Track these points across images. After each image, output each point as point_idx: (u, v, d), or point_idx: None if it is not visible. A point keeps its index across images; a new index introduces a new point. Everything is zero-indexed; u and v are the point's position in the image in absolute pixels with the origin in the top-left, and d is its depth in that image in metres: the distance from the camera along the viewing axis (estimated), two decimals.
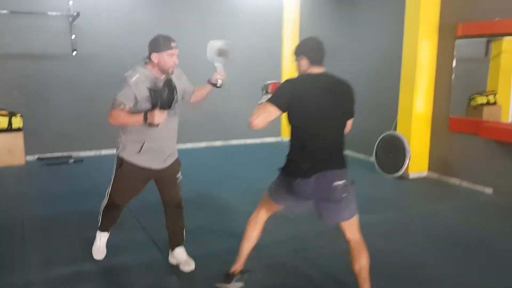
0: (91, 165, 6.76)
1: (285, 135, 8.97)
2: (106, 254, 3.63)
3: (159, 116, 2.99)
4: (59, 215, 4.60)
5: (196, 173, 6.40)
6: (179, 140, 3.53)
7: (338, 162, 2.76)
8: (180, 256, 3.48)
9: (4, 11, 6.45)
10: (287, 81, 2.77)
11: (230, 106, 8.35)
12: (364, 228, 4.19)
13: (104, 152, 7.49)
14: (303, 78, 2.79)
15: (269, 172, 3.86)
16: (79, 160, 6.97)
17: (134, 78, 3.09)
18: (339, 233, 3.03)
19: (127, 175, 3.32)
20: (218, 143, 8.48)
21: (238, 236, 3.99)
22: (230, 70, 4.12)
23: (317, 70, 2.79)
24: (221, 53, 3.75)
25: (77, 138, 7.36)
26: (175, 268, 3.44)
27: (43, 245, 3.86)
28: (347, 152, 2.87)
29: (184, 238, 3.54)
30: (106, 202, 3.53)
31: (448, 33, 5.68)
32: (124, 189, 3.41)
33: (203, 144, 8.18)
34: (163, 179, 3.39)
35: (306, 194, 2.72)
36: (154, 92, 3.03)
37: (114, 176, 3.40)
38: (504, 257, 3.71)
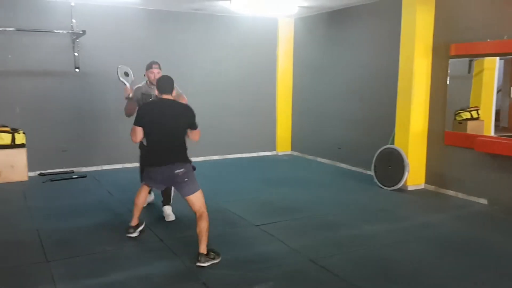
0: (94, 180, 6.84)
1: (280, 149, 9.19)
2: (129, 266, 3.76)
3: None
4: (73, 229, 4.68)
5: (203, 184, 6.53)
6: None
7: (177, 158, 3.91)
8: (166, 211, 4.96)
9: (11, 29, 6.55)
10: (141, 105, 4.19)
11: (226, 122, 8.54)
12: (368, 238, 4.46)
13: (105, 167, 7.57)
14: (151, 102, 4.21)
15: (266, 184, 4.09)
16: (83, 176, 7.03)
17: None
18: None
19: None
20: (215, 157, 8.63)
21: (242, 246, 4.23)
22: (226, 87, 4.49)
23: (165, 96, 3.99)
24: (126, 74, 5.25)
25: (79, 154, 7.43)
26: (197, 276, 3.56)
27: (65, 258, 3.94)
28: (344, 166, 3.13)
29: (171, 201, 4.97)
30: None
31: (441, 52, 6.00)
32: None
33: (201, 159, 8.31)
34: None
35: (157, 178, 4.02)
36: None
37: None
38: (501, 262, 3.96)
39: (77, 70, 7.23)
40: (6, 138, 6.62)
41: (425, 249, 4.24)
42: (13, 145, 6.68)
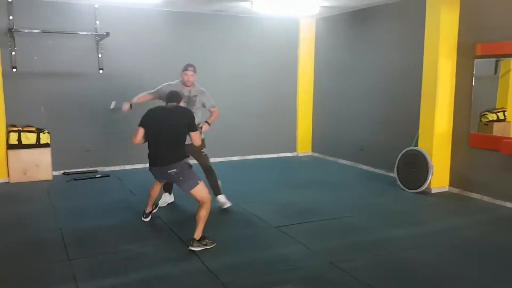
0: (117, 179, 6.92)
1: (301, 150, 9.14)
2: (150, 265, 3.78)
3: None
4: (95, 228, 4.74)
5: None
6: None
7: (170, 159, 4.16)
8: (220, 200, 5.37)
9: (36, 31, 6.68)
10: (148, 109, 4.39)
11: (247, 122, 8.54)
12: (390, 242, 4.39)
13: (128, 167, 7.66)
14: (157, 108, 4.42)
15: (286, 185, 4.07)
16: (106, 175, 7.13)
17: None
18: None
19: None
20: (235, 158, 8.63)
21: (261, 247, 4.23)
22: (247, 88, 4.49)
23: (170, 104, 4.37)
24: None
25: (103, 153, 7.53)
26: (216, 277, 3.56)
27: (86, 256, 3.99)
28: (366, 168, 3.39)
29: (220, 189, 5.37)
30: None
31: (466, 52, 5.87)
32: None
33: (220, 159, 8.33)
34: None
35: (157, 175, 4.38)
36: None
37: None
38: None
39: (100, 71, 7.33)
40: (31, 138, 6.75)
41: (449, 254, 4.15)
42: (38, 145, 6.81)
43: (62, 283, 3.50)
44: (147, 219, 4.91)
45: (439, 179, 6.15)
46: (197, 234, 4.12)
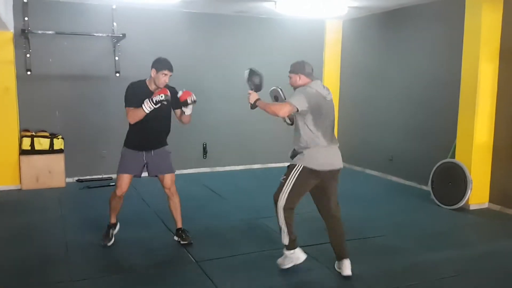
0: (131, 187, 6.54)
1: None
2: None
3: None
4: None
5: (237, 197, 6.18)
6: (218, 163, 3.36)
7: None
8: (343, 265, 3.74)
9: (50, 32, 6.43)
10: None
11: (269, 129, 8.12)
12: (426, 268, 3.90)
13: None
14: None
15: (309, 198, 3.62)
16: None
17: None
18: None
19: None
20: (256, 166, 8.25)
21: (281, 271, 3.78)
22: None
23: None
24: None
25: (117, 160, 7.21)
26: None
27: (90, 277, 3.65)
28: (396, 179, 3.74)
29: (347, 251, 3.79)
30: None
31: (510, 56, 5.36)
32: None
33: (240, 167, 7.97)
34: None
35: None
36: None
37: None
38: None
39: (117, 74, 7.05)
40: (44, 143, 6.51)
41: (492, 283, 3.67)
42: (51, 151, 6.56)
43: None
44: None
45: (478, 194, 5.63)
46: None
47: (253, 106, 3.78)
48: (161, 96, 3.94)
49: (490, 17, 5.40)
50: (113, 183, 6.78)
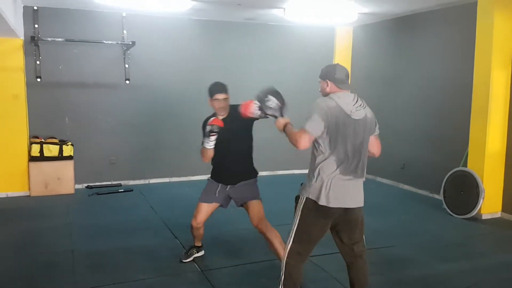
0: (140, 194, 6.58)
1: None
2: None
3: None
4: (108, 251, 4.37)
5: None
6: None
7: None
8: None
9: (60, 39, 6.46)
10: None
11: (278, 136, 8.02)
12: (443, 280, 3.78)
13: (152, 181, 7.32)
14: None
15: None
16: (129, 189, 6.80)
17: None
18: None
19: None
20: (264, 173, 8.17)
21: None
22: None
23: None
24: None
25: (127, 167, 7.23)
26: None
27: (94, 286, 3.60)
28: (408, 188, 3.19)
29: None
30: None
31: None
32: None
33: (264, 173, 7.90)
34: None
35: None
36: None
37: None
38: None
39: (127, 82, 7.06)
40: (54, 150, 6.51)
41: None
42: (60, 157, 6.56)
43: None
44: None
45: (491, 204, 5.51)
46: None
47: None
48: (210, 127, 3.47)
49: (503, 23, 5.31)
50: (122, 190, 6.78)
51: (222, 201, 3.85)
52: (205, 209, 3.82)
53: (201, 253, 4.19)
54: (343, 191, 2.81)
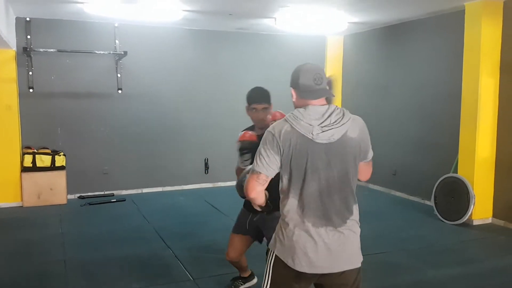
0: (133, 204, 6.57)
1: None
2: None
3: None
4: (101, 261, 4.37)
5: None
6: (220, 179, 3.15)
7: None
8: None
9: (52, 50, 6.48)
10: None
11: None
12: (435, 286, 3.80)
13: (145, 190, 7.32)
14: None
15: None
16: (121, 199, 6.79)
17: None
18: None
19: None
20: None
21: None
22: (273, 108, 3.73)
23: None
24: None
25: (120, 176, 7.22)
26: None
27: None
28: (400, 194, 2.44)
29: None
30: None
31: (511, 69, 5.33)
32: None
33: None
34: None
35: None
36: None
37: None
38: None
39: (119, 91, 7.08)
40: (46, 161, 6.50)
41: None
42: (53, 167, 6.55)
43: None
44: None
45: (481, 209, 5.56)
46: None
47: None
48: (241, 143, 3.01)
49: (490, 30, 5.40)
50: (115, 199, 6.77)
51: (252, 232, 3.37)
52: (238, 240, 3.46)
53: (252, 282, 3.70)
54: (320, 251, 2.02)
